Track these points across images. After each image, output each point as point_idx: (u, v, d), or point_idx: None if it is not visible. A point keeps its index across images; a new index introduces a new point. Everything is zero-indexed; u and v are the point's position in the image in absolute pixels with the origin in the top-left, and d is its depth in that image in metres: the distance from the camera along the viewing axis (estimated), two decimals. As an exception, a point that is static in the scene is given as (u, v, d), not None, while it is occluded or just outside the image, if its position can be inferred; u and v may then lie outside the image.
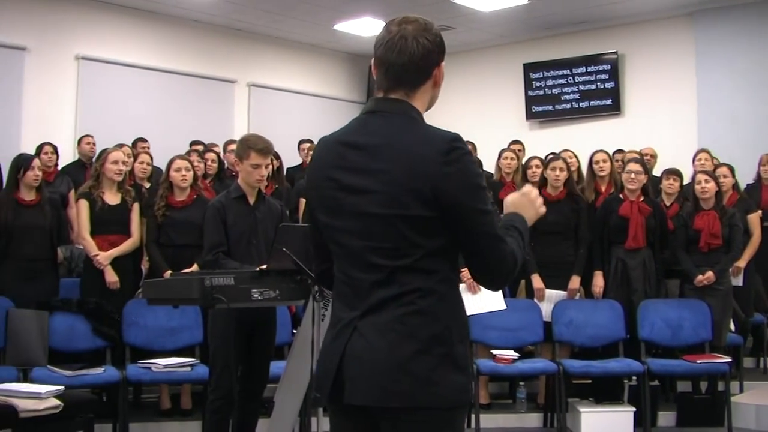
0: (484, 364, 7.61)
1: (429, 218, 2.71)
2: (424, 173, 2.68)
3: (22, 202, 7.37)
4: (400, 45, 2.80)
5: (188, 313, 7.27)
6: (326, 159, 2.90)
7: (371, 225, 2.76)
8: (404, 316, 2.72)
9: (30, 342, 6.99)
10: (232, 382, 5.48)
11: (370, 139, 2.80)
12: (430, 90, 2.94)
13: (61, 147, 10.25)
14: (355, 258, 2.82)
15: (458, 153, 2.72)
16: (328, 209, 2.88)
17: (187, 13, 12.93)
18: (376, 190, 2.74)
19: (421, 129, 2.81)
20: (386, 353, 2.71)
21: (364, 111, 2.91)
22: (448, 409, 2.75)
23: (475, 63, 14.63)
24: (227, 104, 13.79)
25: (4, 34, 11.49)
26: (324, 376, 2.85)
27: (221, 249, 5.76)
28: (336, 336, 2.84)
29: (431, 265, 2.74)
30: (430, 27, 2.87)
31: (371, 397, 2.73)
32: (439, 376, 2.71)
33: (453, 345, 2.75)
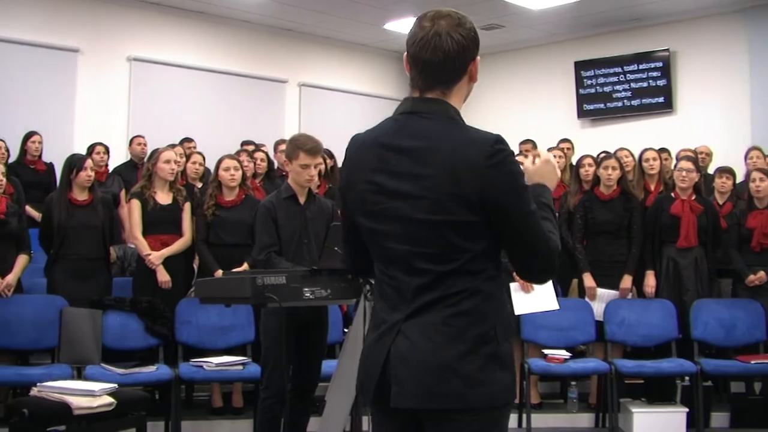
0: (535, 364, 7.58)
1: (475, 222, 2.68)
2: (470, 178, 2.65)
3: (75, 202, 7.42)
4: (435, 42, 2.73)
5: (240, 312, 7.30)
6: (364, 160, 2.87)
7: (416, 230, 2.73)
8: (450, 317, 2.71)
9: (84, 340, 7.05)
10: (283, 381, 5.50)
11: (412, 142, 2.75)
12: (466, 86, 2.87)
13: (113, 147, 10.36)
14: (399, 261, 2.80)
15: (502, 155, 2.68)
16: (369, 213, 2.85)
17: (237, 13, 12.99)
18: (420, 195, 2.70)
19: (463, 131, 2.75)
20: (433, 355, 2.69)
21: (402, 111, 2.85)
22: (496, 408, 2.74)
23: (526, 61, 14.59)
24: (278, 104, 13.85)
25: (57, 36, 11.61)
26: (367, 379, 2.84)
27: (273, 249, 5.77)
28: (379, 338, 2.82)
29: (476, 266, 2.72)
30: (464, 21, 2.78)
31: (419, 399, 2.71)
32: (487, 375, 2.69)
33: (499, 344, 2.74)
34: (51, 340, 7.09)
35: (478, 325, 2.71)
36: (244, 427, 7.30)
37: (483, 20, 12.97)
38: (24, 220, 7.42)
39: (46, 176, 9.77)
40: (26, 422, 5.46)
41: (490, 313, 2.74)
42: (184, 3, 12.52)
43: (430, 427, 2.76)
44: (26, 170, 9.46)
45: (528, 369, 7.53)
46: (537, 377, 8.05)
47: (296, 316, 5.42)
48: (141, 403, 6.06)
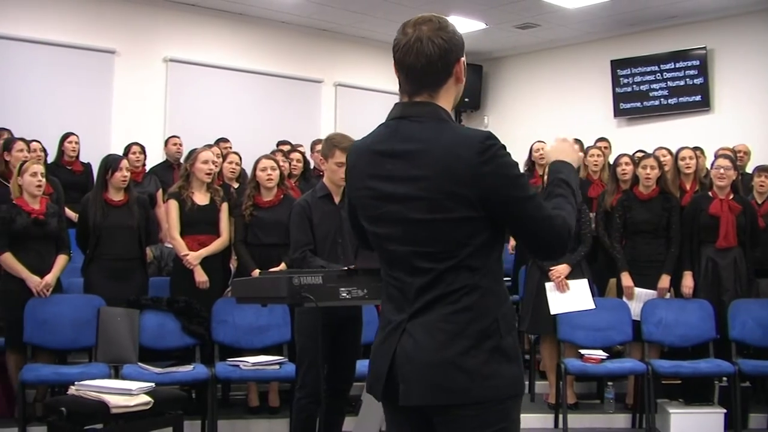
0: (571, 364, 7.55)
1: (474, 218, 2.75)
2: (464, 176, 2.72)
3: (111, 203, 7.46)
4: (417, 48, 2.82)
5: (276, 311, 7.31)
6: (361, 167, 2.97)
7: (415, 231, 2.81)
8: (451, 314, 2.77)
9: (121, 339, 7.09)
10: (318, 381, 5.50)
11: (404, 145, 2.83)
12: (454, 87, 2.93)
13: (150, 148, 10.40)
14: (401, 263, 2.87)
15: (493, 150, 2.74)
16: (370, 217, 2.95)
17: (273, 14, 13.02)
18: (417, 196, 2.78)
19: (454, 131, 2.83)
20: (436, 352, 2.76)
21: (392, 117, 2.93)
22: (502, 400, 2.78)
23: (561, 60, 14.53)
24: (314, 104, 13.88)
25: (94, 38, 11.69)
26: (375, 379, 2.92)
27: (308, 247, 5.78)
28: (385, 338, 2.91)
29: (475, 261, 2.78)
30: (444, 25, 2.86)
31: (426, 396, 2.78)
32: (492, 369, 2.75)
33: (502, 337, 2.79)
34: (88, 340, 7.14)
35: (480, 320, 2.77)
36: (281, 427, 7.31)
37: (518, 19, 12.95)
38: (64, 220, 7.45)
39: (83, 177, 9.82)
40: (64, 421, 5.51)
41: (490, 307, 2.80)
42: (220, 4, 12.56)
43: (438, 423, 2.83)
44: (63, 171, 9.52)
45: (564, 369, 7.50)
46: (573, 377, 8.02)
47: (330, 316, 5.42)
48: (178, 402, 6.10)
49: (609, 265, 8.25)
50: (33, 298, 6.99)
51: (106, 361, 6.98)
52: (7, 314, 7.06)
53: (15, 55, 11.11)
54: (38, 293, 7.00)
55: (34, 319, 6.96)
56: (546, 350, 8.09)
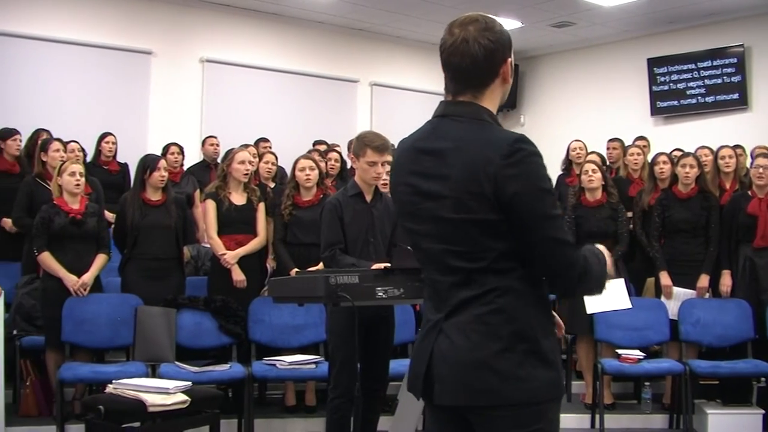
0: (608, 364, 7.52)
1: (496, 221, 2.71)
2: (486, 176, 2.68)
3: (149, 202, 7.51)
4: (463, 48, 2.80)
5: (313, 310, 7.33)
6: (403, 164, 2.97)
7: (446, 229, 2.80)
8: (485, 315, 2.75)
9: (158, 339, 7.12)
10: (351, 380, 5.49)
11: (440, 143, 2.83)
12: (500, 87, 2.90)
13: (187, 148, 10.46)
14: (435, 261, 2.87)
15: (521, 154, 2.70)
16: (408, 214, 2.95)
17: (309, 14, 13.04)
18: (447, 195, 2.77)
19: (488, 132, 2.80)
20: (470, 352, 2.75)
21: (435, 114, 2.93)
22: (536, 403, 2.76)
23: (598, 59, 14.45)
24: (350, 104, 13.88)
25: (131, 39, 11.75)
26: (415, 377, 2.93)
27: (338, 246, 5.77)
28: (424, 337, 2.92)
29: (505, 264, 2.75)
30: (491, 26, 2.84)
31: (459, 397, 2.79)
32: (526, 372, 2.73)
33: (537, 340, 2.76)
34: (126, 339, 7.19)
35: (513, 323, 2.74)
36: (317, 426, 7.31)
37: (554, 18, 12.90)
38: (103, 219, 7.49)
39: (120, 177, 9.87)
40: (102, 419, 5.53)
41: (524, 310, 2.77)
42: (255, 4, 12.59)
43: (474, 423, 2.83)
44: (100, 171, 9.55)
45: (601, 369, 7.47)
46: (610, 377, 7.97)
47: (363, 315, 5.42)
48: (214, 401, 6.11)
49: (647, 264, 8.21)
50: (71, 298, 7.03)
51: (143, 359, 7.02)
52: (47, 313, 7.12)
53: (54, 56, 11.19)
54: (75, 292, 7.04)
55: (73, 318, 7.01)
56: (582, 350, 8.06)
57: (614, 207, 7.98)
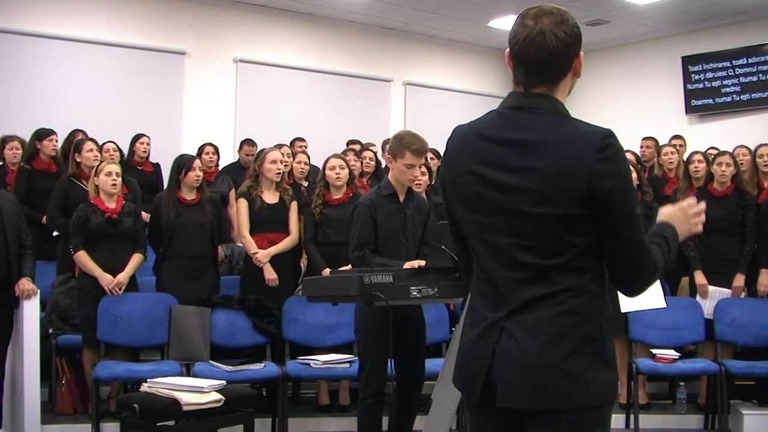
0: (643, 364, 7.47)
1: (582, 216, 2.66)
2: (579, 170, 2.64)
3: (184, 202, 7.54)
4: (539, 41, 2.72)
5: (346, 310, 7.30)
6: (466, 152, 2.86)
7: (521, 223, 2.72)
8: (556, 316, 2.69)
9: (192, 338, 7.16)
10: (382, 380, 5.48)
11: (520, 135, 2.74)
12: (570, 81, 2.86)
13: (221, 148, 10.48)
14: (500, 255, 2.78)
15: (612, 150, 2.67)
16: (469, 204, 2.85)
17: (342, 14, 13.06)
18: (528, 188, 2.69)
19: (573, 125, 2.75)
20: (540, 354, 2.68)
21: (508, 106, 2.83)
22: (600, 407, 2.74)
23: (632, 57, 14.39)
24: (383, 103, 13.88)
25: (165, 39, 11.81)
26: (472, 379, 2.82)
27: (368, 246, 5.76)
28: (480, 336, 2.81)
29: (583, 263, 2.71)
30: (566, 18, 2.78)
31: (526, 399, 2.70)
32: (593, 374, 2.68)
33: (604, 343, 2.73)
34: (160, 337, 7.23)
35: (585, 325, 2.69)
36: (351, 425, 7.29)
37: (588, 16, 12.84)
38: (140, 219, 7.52)
39: (153, 177, 9.91)
40: (137, 417, 5.56)
41: (595, 311, 2.72)
42: (289, 4, 12.62)
43: (533, 426, 2.76)
44: (134, 171, 9.58)
45: (636, 369, 7.43)
46: (645, 377, 7.93)
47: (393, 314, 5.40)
48: (249, 400, 6.11)
49: (681, 263, 8.15)
50: (106, 297, 7.07)
51: (177, 358, 7.06)
52: (82, 312, 7.16)
53: (89, 57, 11.26)
54: (110, 291, 7.08)
55: (108, 317, 7.05)
56: (617, 350, 7.99)
57: (649, 206, 7.92)
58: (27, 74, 10.74)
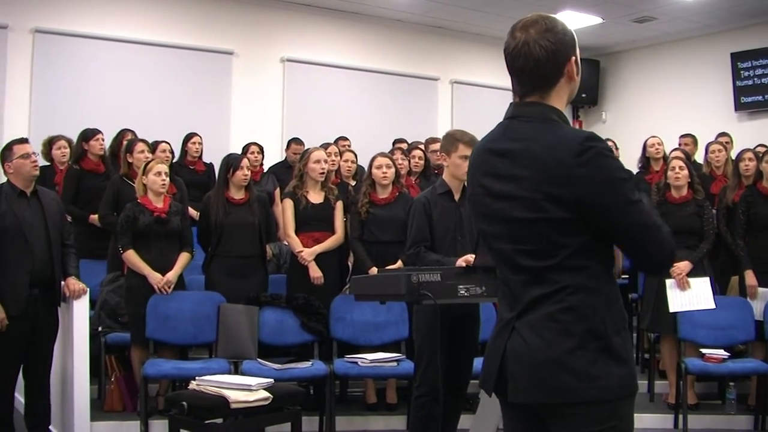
0: (692, 363, 7.40)
1: (570, 219, 2.74)
2: (560, 177, 2.72)
3: (232, 201, 7.58)
4: (524, 51, 2.85)
5: (394, 308, 7.34)
6: (477, 166, 3.02)
7: (517, 229, 2.83)
8: (556, 313, 2.77)
9: (241, 336, 7.19)
10: (437, 379, 5.49)
11: (511, 144, 2.87)
12: (566, 86, 2.93)
13: (268, 147, 10.53)
14: (506, 261, 2.91)
15: (592, 152, 2.72)
16: (482, 215, 3.01)
17: (388, 12, 13.05)
18: (518, 195, 2.80)
19: (556, 132, 2.82)
20: (543, 351, 2.77)
21: (506, 116, 2.98)
22: (611, 401, 2.76)
23: (680, 54, 14.25)
24: (430, 102, 13.85)
25: (213, 39, 11.87)
26: (487, 375, 2.96)
27: (424, 244, 5.79)
28: (497, 335, 2.95)
29: (578, 261, 2.77)
30: (552, 26, 2.88)
31: (532, 395, 2.80)
32: (599, 369, 2.73)
33: (609, 338, 2.76)
34: (209, 336, 7.27)
35: (586, 321, 2.75)
36: (398, 423, 7.33)
37: (635, 13, 12.75)
38: (187, 218, 7.58)
39: (206, 176, 9.96)
40: (185, 415, 5.58)
41: (597, 307, 2.77)
42: (335, 3, 12.63)
43: (549, 421, 2.84)
44: (186, 171, 9.66)
45: (685, 368, 7.36)
46: (694, 377, 7.85)
47: (448, 314, 5.41)
48: (296, 398, 6.11)
49: (731, 262, 8.08)
50: (155, 295, 7.12)
51: (226, 356, 7.10)
52: (132, 310, 7.21)
53: (136, 58, 11.33)
54: (159, 290, 7.13)
55: (157, 315, 7.10)
56: (666, 349, 7.97)
57: (700, 204, 7.85)
58: (76, 75, 10.82)
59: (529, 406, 2.85)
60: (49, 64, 10.66)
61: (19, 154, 6.35)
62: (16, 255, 6.23)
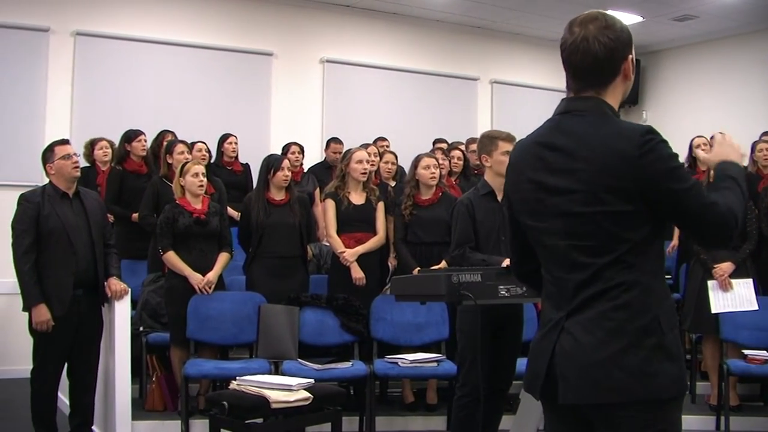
0: (734, 365, 7.34)
1: (631, 212, 2.74)
2: (622, 169, 2.72)
3: (273, 202, 7.60)
4: (583, 47, 2.85)
5: (434, 309, 7.33)
6: (525, 161, 2.99)
7: (574, 224, 2.82)
8: (610, 311, 2.75)
9: (281, 336, 7.21)
10: (479, 379, 5.48)
11: (566, 139, 2.86)
12: (621, 84, 2.94)
13: (308, 147, 10.54)
14: (560, 258, 2.88)
15: (652, 144, 2.73)
16: (532, 211, 2.97)
17: (427, 13, 13.04)
18: (576, 189, 2.79)
19: (615, 125, 2.83)
20: (596, 350, 2.74)
21: (558, 112, 2.96)
22: (664, 400, 2.74)
23: (722, 53, 14.11)
24: (470, 102, 13.80)
25: (252, 41, 11.89)
26: (534, 377, 2.92)
27: (468, 245, 5.78)
28: (543, 336, 2.91)
29: (634, 258, 2.76)
30: (611, 23, 2.89)
31: (585, 395, 2.76)
32: (653, 367, 2.71)
33: (663, 334, 2.75)
34: (249, 336, 7.30)
35: (639, 318, 2.73)
36: (438, 424, 7.32)
37: (676, 11, 12.66)
38: (225, 219, 7.62)
39: (243, 177, 10.02)
40: (226, 415, 5.60)
41: (650, 304, 2.76)
42: (374, 4, 12.63)
43: (597, 422, 2.80)
44: (223, 171, 9.70)
45: (727, 370, 7.30)
46: (736, 378, 7.80)
47: (492, 314, 5.40)
48: (337, 398, 6.12)
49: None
50: (196, 296, 7.16)
51: (266, 356, 7.12)
52: (172, 310, 7.26)
53: (176, 59, 11.37)
54: (200, 290, 7.16)
55: (197, 315, 7.14)
56: (708, 350, 7.91)
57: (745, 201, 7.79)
58: (116, 77, 10.87)
59: (578, 408, 2.81)
60: (90, 67, 10.72)
61: (60, 156, 6.40)
62: (60, 256, 6.29)
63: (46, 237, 6.26)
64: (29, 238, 6.22)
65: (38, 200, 6.32)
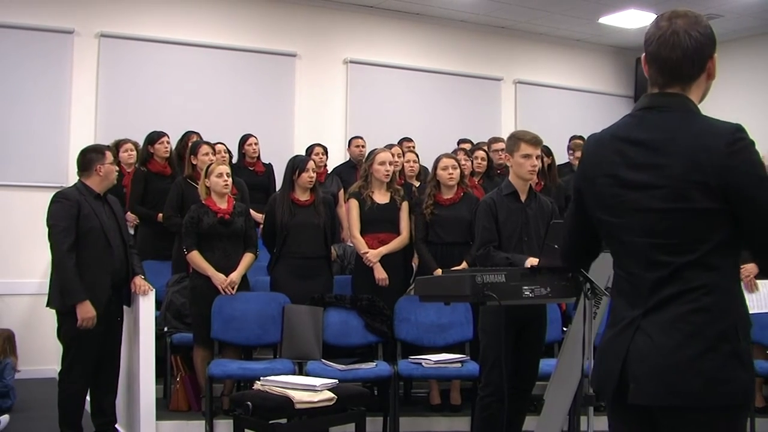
0: (761, 366, 7.30)
1: (715, 211, 2.67)
2: (710, 165, 2.65)
3: (297, 202, 7.61)
4: (673, 40, 2.80)
5: (458, 309, 7.32)
6: (602, 155, 2.92)
7: (654, 221, 2.75)
8: (689, 313, 2.68)
9: (305, 337, 7.21)
10: (502, 379, 5.46)
11: (651, 134, 2.80)
12: (704, 83, 2.90)
13: (332, 148, 10.57)
14: (637, 255, 2.81)
15: (742, 143, 2.68)
16: (608, 206, 2.90)
17: (451, 13, 13.02)
18: (659, 185, 2.73)
19: (703, 121, 2.78)
20: (673, 352, 2.67)
21: (640, 107, 2.91)
22: (734, 408, 2.69)
23: (745, 52, 14.02)
24: (494, 102, 13.77)
25: (276, 42, 11.90)
26: (607, 377, 2.86)
27: (492, 244, 5.77)
28: (617, 335, 2.84)
29: (715, 260, 2.69)
30: (700, 20, 2.86)
31: (657, 397, 2.70)
32: (728, 374, 2.65)
33: (739, 342, 2.68)
34: (274, 336, 7.30)
35: (719, 323, 2.67)
36: (462, 425, 7.31)
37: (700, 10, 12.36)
38: (250, 219, 7.63)
39: (265, 178, 10.03)
40: (250, 415, 5.61)
41: (729, 309, 2.71)
42: (398, 5, 12.62)
43: (665, 425, 2.75)
44: (245, 172, 9.71)
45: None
46: (762, 380, 7.75)
47: (515, 315, 5.39)
48: (360, 399, 6.12)
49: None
50: (220, 296, 7.18)
51: (290, 357, 7.12)
52: (196, 310, 7.28)
53: (200, 60, 11.40)
54: (223, 290, 7.18)
55: (222, 315, 7.15)
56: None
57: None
58: (140, 78, 10.91)
59: (645, 409, 2.76)
60: (115, 68, 10.75)
61: (110, 160, 6.49)
62: (99, 256, 6.35)
63: (84, 236, 6.30)
64: (72, 235, 6.25)
65: (77, 198, 6.36)
